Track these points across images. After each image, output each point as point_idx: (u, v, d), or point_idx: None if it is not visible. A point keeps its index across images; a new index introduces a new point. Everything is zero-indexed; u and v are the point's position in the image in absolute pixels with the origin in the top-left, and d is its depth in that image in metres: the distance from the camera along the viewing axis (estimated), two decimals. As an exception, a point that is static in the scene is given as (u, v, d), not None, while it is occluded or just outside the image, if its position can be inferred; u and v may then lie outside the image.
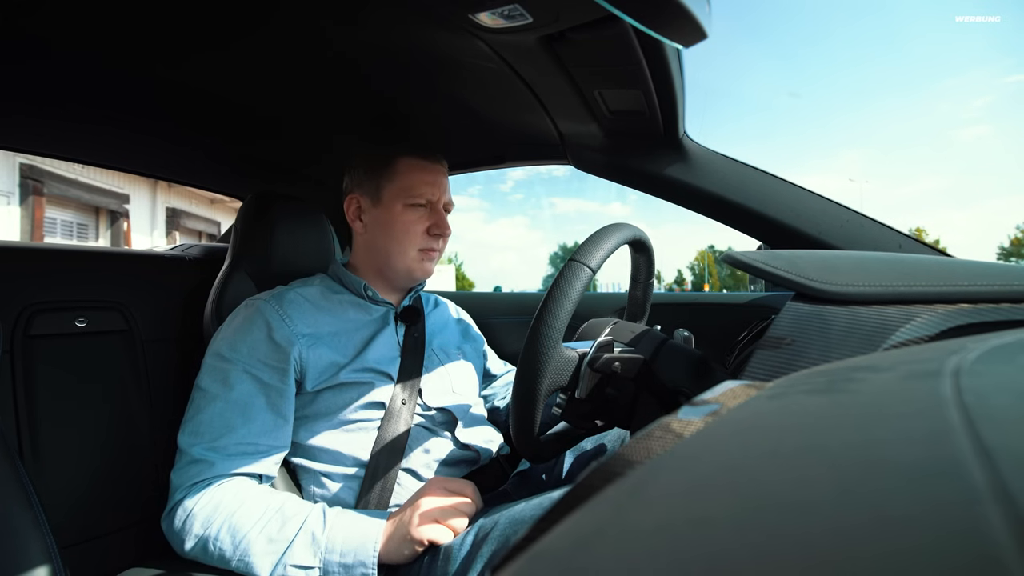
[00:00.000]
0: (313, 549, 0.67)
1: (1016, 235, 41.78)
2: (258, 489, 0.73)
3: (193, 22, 0.73)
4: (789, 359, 0.44)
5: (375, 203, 0.91)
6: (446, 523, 0.69)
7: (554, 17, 0.62)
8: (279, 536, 0.68)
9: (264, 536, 0.68)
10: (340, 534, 0.68)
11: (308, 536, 0.68)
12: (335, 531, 0.68)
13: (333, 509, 0.71)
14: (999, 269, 0.46)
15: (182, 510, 0.70)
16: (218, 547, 0.68)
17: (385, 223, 0.90)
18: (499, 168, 1.20)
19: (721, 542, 0.11)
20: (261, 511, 0.69)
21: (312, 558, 0.67)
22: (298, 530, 0.68)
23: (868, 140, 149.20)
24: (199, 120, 1.05)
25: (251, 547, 0.67)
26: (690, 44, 0.58)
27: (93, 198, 8.33)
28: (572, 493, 0.17)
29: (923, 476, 0.12)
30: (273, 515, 0.69)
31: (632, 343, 0.62)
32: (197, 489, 0.71)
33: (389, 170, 0.90)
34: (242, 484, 0.73)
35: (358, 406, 0.82)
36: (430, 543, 0.67)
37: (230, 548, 0.67)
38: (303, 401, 0.82)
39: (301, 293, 0.88)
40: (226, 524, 0.68)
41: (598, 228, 0.62)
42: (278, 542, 0.67)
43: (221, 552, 0.68)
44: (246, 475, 0.74)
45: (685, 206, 0.92)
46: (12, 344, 0.86)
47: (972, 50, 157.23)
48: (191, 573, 0.72)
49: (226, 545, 0.68)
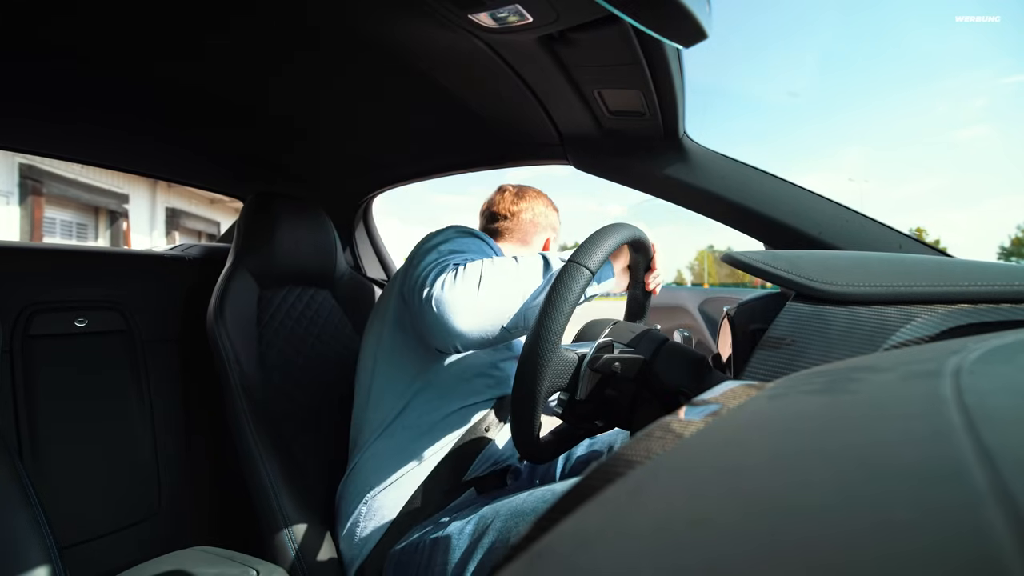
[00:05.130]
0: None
1: (1016, 235, 41.79)
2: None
3: (193, 22, 0.72)
4: (789, 359, 0.44)
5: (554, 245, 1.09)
6: None
7: (554, 17, 0.62)
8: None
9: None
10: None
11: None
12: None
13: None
14: (999, 269, 0.46)
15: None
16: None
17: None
18: (499, 168, 1.20)
19: (721, 543, 0.11)
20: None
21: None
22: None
23: (868, 140, 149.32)
24: (199, 120, 1.05)
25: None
26: (690, 44, 0.59)
27: (92, 198, 8.33)
28: (572, 492, 0.17)
29: (924, 477, 0.12)
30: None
31: (632, 343, 0.62)
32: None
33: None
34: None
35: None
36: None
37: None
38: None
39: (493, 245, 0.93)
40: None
41: (597, 228, 0.62)
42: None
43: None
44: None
45: (685, 206, 0.92)
46: (12, 344, 0.86)
47: (972, 50, 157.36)
48: (196, 568, 0.72)
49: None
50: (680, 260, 58.50)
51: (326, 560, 0.82)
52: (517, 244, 1.06)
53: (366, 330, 0.93)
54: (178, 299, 1.10)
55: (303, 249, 1.06)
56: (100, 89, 0.91)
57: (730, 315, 0.57)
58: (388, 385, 0.85)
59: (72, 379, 0.92)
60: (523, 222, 1.06)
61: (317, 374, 1.05)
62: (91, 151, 1.19)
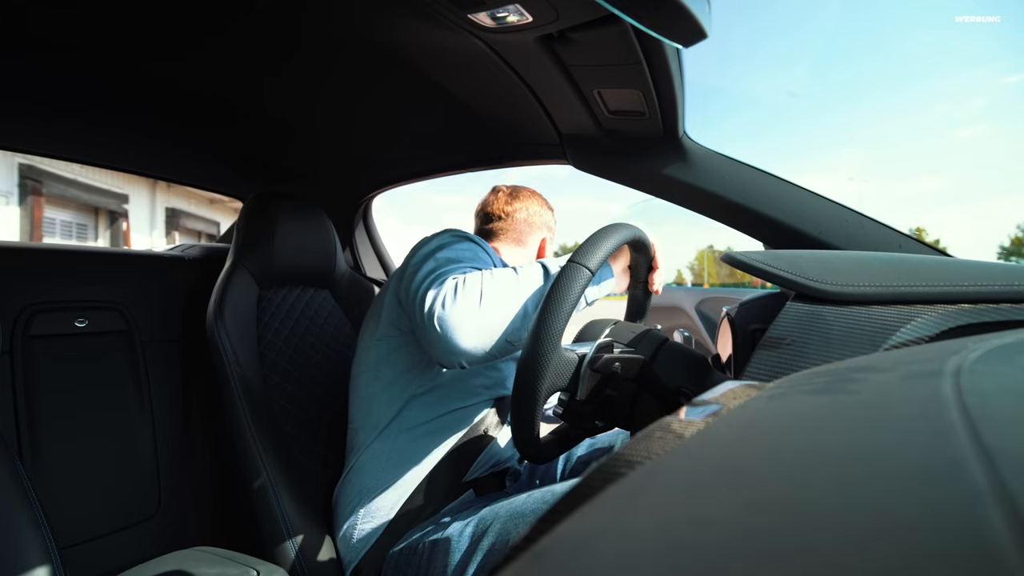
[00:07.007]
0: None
1: (1016, 235, 41.80)
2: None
3: (193, 22, 0.72)
4: (789, 359, 0.44)
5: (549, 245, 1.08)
6: None
7: (554, 17, 0.62)
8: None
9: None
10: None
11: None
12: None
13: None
14: (999, 269, 0.46)
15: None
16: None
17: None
18: (499, 168, 1.20)
19: (721, 543, 0.11)
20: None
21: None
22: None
23: (868, 139, 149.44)
24: (199, 120, 1.05)
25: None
26: (690, 44, 0.59)
27: (92, 198, 8.33)
28: (572, 493, 0.17)
29: (924, 477, 0.12)
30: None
31: (632, 344, 0.62)
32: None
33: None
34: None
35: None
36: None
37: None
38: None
39: (488, 248, 0.90)
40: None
41: (597, 228, 0.62)
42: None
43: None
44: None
45: (685, 206, 0.92)
46: (12, 344, 0.86)
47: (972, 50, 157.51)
48: (196, 568, 0.72)
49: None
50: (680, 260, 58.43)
51: (326, 560, 0.82)
52: (512, 244, 1.06)
53: (361, 332, 0.92)
54: (178, 299, 1.10)
55: (303, 249, 1.06)
56: (100, 89, 0.91)
57: (730, 315, 0.57)
58: (383, 388, 0.85)
59: (72, 379, 0.92)
60: (518, 222, 1.06)
61: (317, 374, 1.05)
62: (91, 151, 1.19)
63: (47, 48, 0.77)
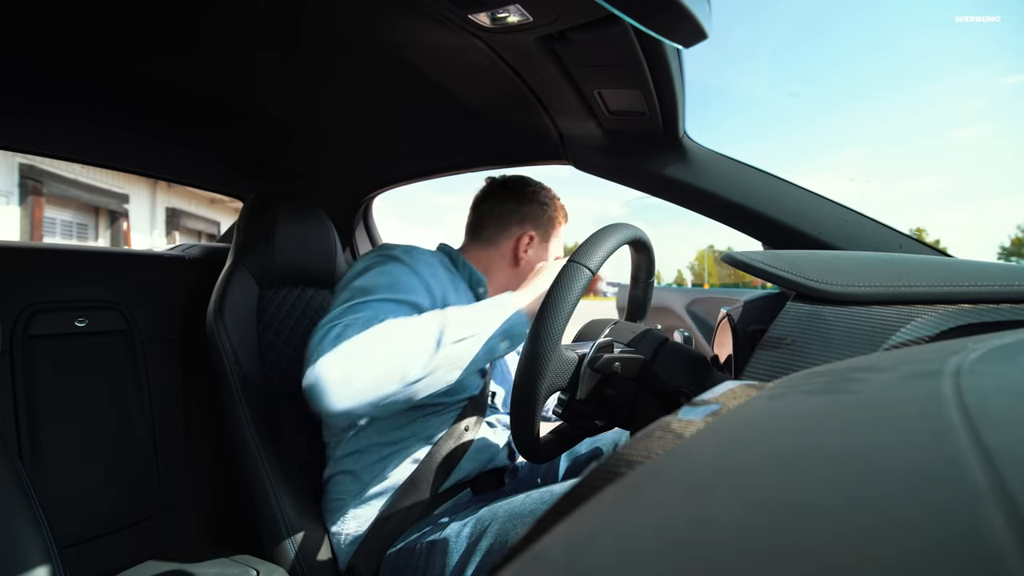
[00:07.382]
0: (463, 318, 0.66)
1: (1016, 235, 41.79)
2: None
3: (193, 21, 0.72)
4: (789, 359, 0.44)
5: (543, 241, 0.97)
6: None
7: (554, 17, 0.62)
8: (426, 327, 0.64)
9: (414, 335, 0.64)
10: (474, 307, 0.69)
11: (445, 317, 0.66)
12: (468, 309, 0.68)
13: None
14: (999, 269, 0.46)
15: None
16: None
17: (534, 264, 0.94)
18: (499, 168, 1.20)
19: (721, 543, 0.11)
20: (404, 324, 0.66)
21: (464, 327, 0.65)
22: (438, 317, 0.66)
23: (868, 140, 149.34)
24: (199, 120, 1.05)
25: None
26: (690, 44, 0.59)
27: (93, 198, 8.33)
28: (572, 493, 0.17)
29: (924, 477, 0.12)
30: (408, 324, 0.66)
31: (632, 343, 0.62)
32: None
33: (556, 215, 0.98)
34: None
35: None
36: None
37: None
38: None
39: (427, 259, 0.84)
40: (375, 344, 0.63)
41: (597, 228, 0.62)
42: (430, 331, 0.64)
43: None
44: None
45: (685, 206, 0.92)
46: (12, 344, 0.86)
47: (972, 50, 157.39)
48: (196, 568, 0.72)
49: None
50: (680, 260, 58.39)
51: (326, 560, 0.82)
52: (482, 245, 0.97)
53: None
54: (178, 299, 1.10)
55: (303, 249, 1.06)
56: (100, 89, 0.91)
57: (731, 316, 0.57)
58: None
59: (72, 379, 0.92)
60: (487, 220, 0.97)
61: (317, 374, 1.05)
62: (91, 151, 1.19)
63: (47, 48, 0.77)
